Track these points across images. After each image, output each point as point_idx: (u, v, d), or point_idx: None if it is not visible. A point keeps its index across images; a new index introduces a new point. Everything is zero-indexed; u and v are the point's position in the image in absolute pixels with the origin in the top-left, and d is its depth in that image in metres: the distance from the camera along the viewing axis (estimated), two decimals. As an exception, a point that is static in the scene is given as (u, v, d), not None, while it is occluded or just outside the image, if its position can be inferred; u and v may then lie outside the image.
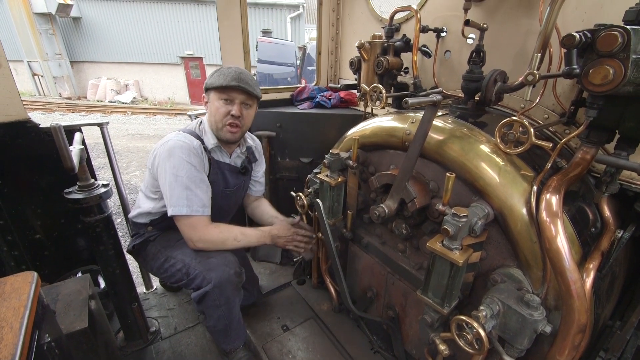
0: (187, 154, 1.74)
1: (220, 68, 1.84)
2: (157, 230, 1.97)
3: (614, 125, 1.15)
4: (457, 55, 1.97)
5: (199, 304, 1.80)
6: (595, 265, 1.15)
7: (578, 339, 1.07)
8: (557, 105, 1.57)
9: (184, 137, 1.79)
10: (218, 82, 1.76)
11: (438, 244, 1.23)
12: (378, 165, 1.79)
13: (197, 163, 1.78)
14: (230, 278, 1.77)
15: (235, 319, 1.91)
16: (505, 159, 1.28)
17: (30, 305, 1.14)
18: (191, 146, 1.77)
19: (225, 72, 1.79)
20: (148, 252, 1.95)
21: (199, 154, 1.80)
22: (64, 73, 16.88)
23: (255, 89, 1.84)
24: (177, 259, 1.84)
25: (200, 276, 1.76)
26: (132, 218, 2.01)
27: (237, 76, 1.77)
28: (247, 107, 1.88)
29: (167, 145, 1.75)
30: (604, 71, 1.03)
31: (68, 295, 1.73)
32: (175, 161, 1.72)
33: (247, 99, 1.84)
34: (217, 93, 1.80)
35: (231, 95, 1.80)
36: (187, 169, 1.73)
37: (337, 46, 2.93)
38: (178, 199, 1.72)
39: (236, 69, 1.81)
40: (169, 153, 1.73)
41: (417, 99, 1.22)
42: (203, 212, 1.78)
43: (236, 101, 1.82)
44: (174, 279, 1.87)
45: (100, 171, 7.77)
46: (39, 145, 1.99)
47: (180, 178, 1.72)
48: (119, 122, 12.88)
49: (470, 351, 1.19)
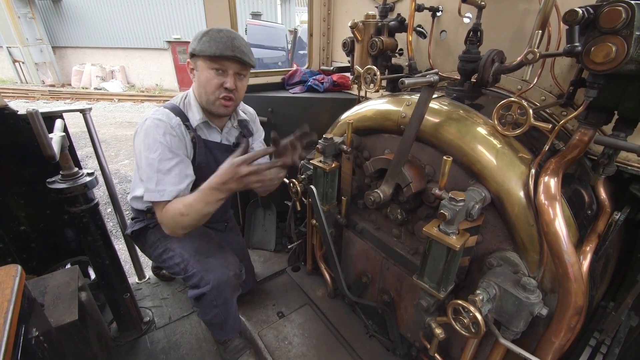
0: (162, 133, 1.56)
1: (208, 31, 1.58)
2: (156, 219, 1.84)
3: (613, 105, 1.13)
4: (453, 35, 1.92)
5: (196, 302, 1.76)
6: (592, 247, 1.14)
7: (574, 321, 1.07)
8: (554, 86, 1.54)
9: (161, 115, 1.61)
10: (209, 49, 1.53)
11: (434, 229, 1.21)
12: (372, 149, 1.75)
13: (174, 143, 1.60)
14: (229, 280, 1.73)
15: (232, 315, 1.89)
16: (502, 142, 1.26)
17: (14, 299, 1.10)
18: (168, 125, 1.59)
19: (216, 37, 1.54)
20: (147, 238, 1.88)
21: (177, 134, 1.62)
22: (46, 59, 16.24)
23: (251, 57, 1.64)
24: (176, 253, 1.77)
25: (197, 275, 1.70)
26: (131, 202, 1.90)
27: (231, 43, 1.55)
28: (241, 77, 1.68)
29: (145, 124, 1.59)
30: (606, 49, 0.99)
31: (56, 288, 1.70)
32: (149, 141, 1.56)
33: (241, 69, 1.64)
34: (208, 62, 1.58)
35: (224, 65, 1.59)
36: (160, 150, 1.55)
37: (329, 27, 2.83)
38: (148, 182, 1.56)
39: (228, 32, 1.58)
40: (144, 133, 1.57)
41: (413, 79, 1.18)
42: (169, 196, 1.57)
43: (230, 72, 1.61)
44: (171, 271, 1.83)
45: (89, 160, 7.59)
46: (19, 133, 1.91)
47: (152, 160, 1.55)
48: (105, 109, 12.53)
49: (467, 335, 1.19)
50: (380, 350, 2.05)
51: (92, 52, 16.91)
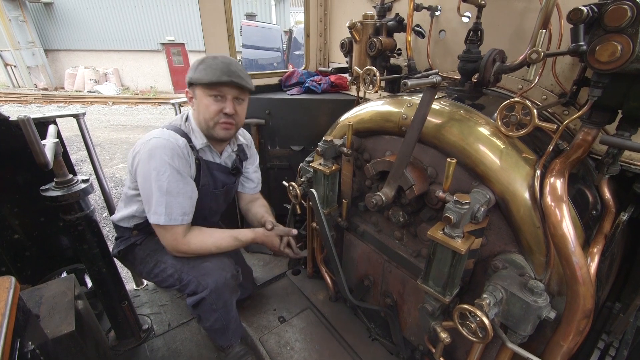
0: (170, 155, 1.56)
1: (204, 59, 1.61)
2: (143, 234, 1.84)
3: (617, 105, 1.12)
4: (452, 34, 1.90)
5: (195, 309, 1.73)
6: (599, 249, 1.13)
7: (583, 324, 1.06)
8: (556, 85, 1.53)
9: (168, 136, 1.60)
10: (206, 77, 1.55)
11: (439, 232, 1.19)
12: (373, 151, 1.73)
13: (181, 165, 1.60)
14: (227, 282, 1.71)
15: (232, 319, 1.86)
16: (506, 142, 1.24)
17: (8, 313, 1.06)
18: (175, 146, 1.58)
19: (212, 64, 1.57)
20: (136, 255, 1.84)
21: (184, 155, 1.62)
22: (38, 62, 16.10)
23: (248, 81, 1.64)
24: (168, 264, 1.74)
25: (194, 282, 1.67)
26: (116, 222, 1.86)
27: (227, 68, 1.56)
28: (240, 101, 1.69)
29: (149, 144, 1.57)
30: (611, 47, 0.98)
31: (52, 298, 1.65)
32: (156, 163, 1.54)
33: (239, 93, 1.65)
34: (206, 89, 1.59)
35: (222, 91, 1.60)
36: (169, 172, 1.56)
37: (326, 27, 2.81)
38: (157, 206, 1.57)
39: (223, 59, 1.60)
40: (150, 154, 1.55)
41: (416, 80, 1.16)
42: (182, 220, 1.63)
43: (228, 97, 1.62)
44: (165, 284, 1.78)
45: (83, 164, 7.52)
46: (10, 140, 1.86)
47: (161, 183, 1.55)
48: (99, 112, 12.44)
49: (474, 340, 1.17)
50: (384, 354, 2.03)
51: (85, 55, 16.77)
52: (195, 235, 1.70)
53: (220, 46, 2.39)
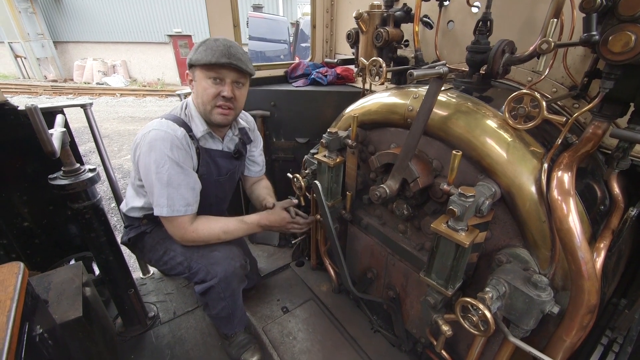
0: (169, 147, 1.55)
1: (205, 40, 1.59)
2: (153, 223, 1.86)
3: (629, 97, 1.09)
4: (461, 25, 1.86)
5: (203, 297, 1.76)
6: (606, 244, 1.11)
7: (587, 319, 1.04)
8: (566, 77, 1.49)
9: (166, 127, 1.59)
10: (205, 58, 1.53)
11: (443, 225, 1.18)
12: (378, 144, 1.72)
13: (181, 156, 1.60)
14: (235, 271, 1.72)
15: (239, 308, 1.89)
16: (513, 135, 1.22)
17: (17, 297, 1.08)
18: (174, 137, 1.58)
19: (212, 45, 1.54)
20: (145, 243, 1.86)
21: (183, 146, 1.61)
22: (47, 54, 16.24)
23: (248, 65, 1.62)
24: (177, 252, 1.76)
25: (203, 270, 1.69)
26: (125, 212, 1.89)
27: (227, 51, 1.54)
28: (240, 86, 1.67)
29: (148, 136, 1.57)
30: (625, 38, 0.95)
31: (60, 284, 1.69)
32: (156, 156, 1.54)
33: (239, 77, 1.63)
34: (204, 71, 1.57)
35: (221, 74, 1.58)
36: (168, 164, 1.55)
37: (333, 18, 2.77)
38: (159, 197, 1.58)
39: (225, 41, 1.57)
40: (149, 146, 1.55)
41: (422, 71, 1.14)
42: (186, 211, 1.64)
43: (227, 80, 1.60)
44: (174, 272, 1.81)
45: (92, 155, 7.61)
46: (20, 129, 1.89)
47: (161, 175, 1.55)
48: (107, 104, 12.54)
49: (476, 333, 1.16)
50: (386, 346, 2.04)
51: (93, 47, 16.87)
52: (202, 222, 1.71)
53: (226, 36, 2.38)
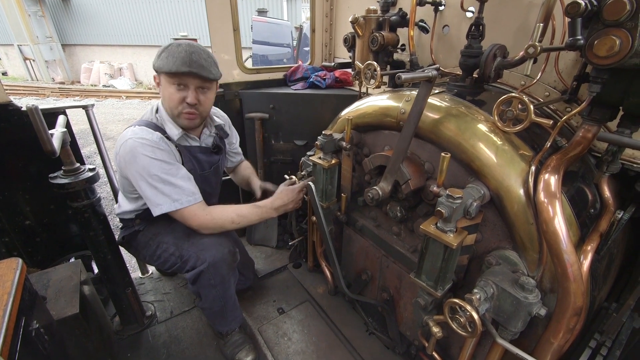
0: (151, 151, 1.59)
1: (169, 46, 1.59)
2: (146, 221, 1.90)
3: (617, 101, 1.09)
4: (456, 30, 1.88)
5: (194, 285, 1.78)
6: (593, 247, 1.12)
7: (573, 322, 1.05)
8: (558, 81, 1.50)
9: (142, 133, 1.62)
10: (167, 66, 1.54)
11: (432, 227, 1.19)
12: (372, 146, 1.73)
13: (165, 156, 1.64)
14: (224, 257, 1.75)
15: (231, 300, 1.90)
16: (503, 138, 1.23)
17: (14, 292, 1.11)
18: (152, 141, 1.61)
19: (174, 52, 1.54)
20: (139, 241, 1.90)
21: (163, 147, 1.65)
22: (55, 57, 16.48)
23: (211, 70, 1.62)
24: (169, 243, 1.80)
25: (194, 257, 1.73)
26: (118, 215, 1.94)
27: (189, 58, 1.53)
28: (205, 90, 1.68)
29: (127, 146, 1.59)
30: (610, 42, 0.96)
31: (59, 282, 1.72)
32: (142, 162, 1.58)
33: (202, 82, 1.64)
34: (168, 77, 1.59)
35: (184, 80, 1.59)
36: (157, 165, 1.60)
37: (332, 23, 2.81)
38: (162, 196, 1.63)
39: (187, 47, 1.56)
40: (132, 155, 1.59)
41: (411, 73, 1.16)
42: (195, 200, 1.70)
43: (191, 87, 1.62)
44: (167, 265, 1.84)
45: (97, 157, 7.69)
46: (23, 129, 1.93)
47: (155, 177, 1.60)
48: (113, 106, 12.67)
49: (463, 334, 1.17)
50: (380, 348, 2.04)
51: (100, 50, 17.10)
52: (214, 208, 1.79)
53: (225, 41, 2.42)
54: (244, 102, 2.67)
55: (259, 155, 2.82)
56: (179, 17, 15.80)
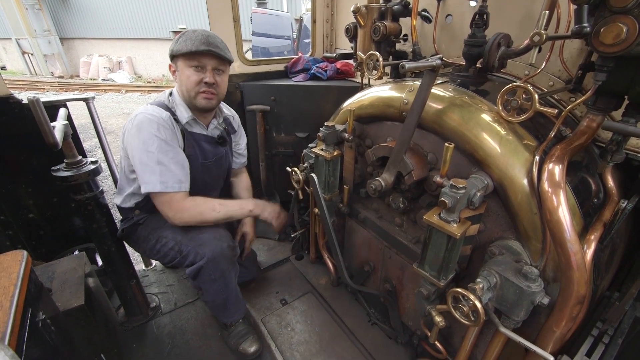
0: (156, 128, 1.63)
1: (184, 32, 1.69)
2: (145, 213, 1.90)
3: (623, 90, 1.08)
4: (459, 19, 1.86)
5: (195, 280, 1.79)
6: (596, 236, 1.12)
7: (576, 310, 1.05)
8: (563, 71, 1.49)
9: (152, 110, 1.68)
10: (186, 47, 1.63)
11: (435, 217, 1.19)
12: (375, 137, 1.73)
13: (168, 136, 1.67)
14: (223, 251, 1.75)
15: (232, 293, 1.92)
16: (507, 128, 1.22)
17: (20, 283, 1.12)
18: (160, 118, 1.66)
19: (191, 36, 1.65)
20: (139, 235, 1.91)
21: (169, 126, 1.69)
22: (54, 50, 16.37)
23: (226, 52, 1.72)
24: (169, 238, 1.80)
25: (193, 252, 1.73)
26: (119, 204, 1.94)
27: (206, 39, 1.64)
28: (220, 72, 1.77)
29: (135, 120, 1.65)
30: (616, 29, 0.95)
31: (64, 274, 1.73)
32: (144, 136, 1.62)
33: (219, 64, 1.73)
34: (186, 60, 1.67)
35: (202, 62, 1.68)
36: (157, 143, 1.63)
37: (333, 13, 2.78)
38: (151, 174, 1.63)
39: (203, 32, 1.67)
40: (137, 128, 1.63)
41: (414, 63, 1.15)
42: (180, 187, 1.69)
43: (208, 67, 1.70)
44: (167, 259, 1.84)
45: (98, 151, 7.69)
46: (24, 122, 1.93)
47: (151, 154, 1.62)
48: (113, 100, 12.62)
49: (466, 323, 1.18)
50: (382, 338, 2.06)
51: (99, 43, 16.97)
52: (196, 197, 1.77)
53: (226, 31, 2.40)
54: (245, 94, 2.65)
55: (261, 148, 2.81)
56: (178, 10, 15.63)
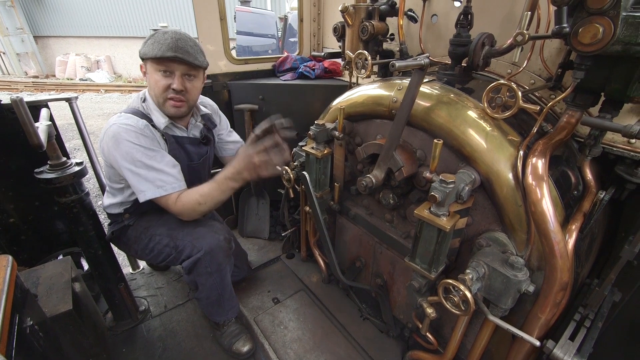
0: (135, 137, 1.57)
1: (155, 33, 1.59)
2: (135, 216, 1.87)
3: (599, 87, 1.14)
4: (444, 19, 1.91)
5: (190, 274, 1.78)
6: (577, 226, 1.18)
7: (560, 296, 1.11)
8: (543, 69, 1.55)
9: (126, 120, 1.60)
10: (152, 52, 1.53)
11: (426, 211, 1.23)
12: (365, 135, 1.75)
13: (149, 143, 1.62)
14: (220, 244, 1.75)
15: (227, 289, 1.91)
16: (492, 124, 1.27)
17: (6, 289, 1.09)
18: (137, 128, 1.60)
19: (160, 39, 1.55)
20: (129, 236, 1.87)
21: (148, 134, 1.63)
22: (28, 49, 15.71)
23: (197, 57, 1.62)
24: (163, 235, 1.78)
25: (189, 246, 1.72)
26: (106, 209, 1.89)
27: (174, 44, 1.53)
28: (191, 78, 1.67)
29: (110, 131, 1.58)
30: (593, 29, 1.00)
31: (49, 279, 1.68)
32: (125, 148, 1.56)
33: (189, 69, 1.63)
34: (154, 64, 1.58)
35: (170, 67, 1.59)
36: (141, 151, 1.58)
37: (320, 12, 2.79)
38: (145, 183, 1.60)
39: (173, 34, 1.56)
40: (115, 140, 1.56)
41: (404, 62, 1.18)
42: (179, 186, 1.67)
43: (176, 73, 1.60)
44: (161, 257, 1.82)
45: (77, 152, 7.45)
46: (3, 123, 1.86)
47: (138, 162, 1.57)
48: (92, 101, 12.25)
49: (457, 312, 1.22)
50: (374, 333, 2.10)
51: (76, 42, 16.39)
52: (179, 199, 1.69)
53: (212, 30, 2.38)
54: (233, 93, 2.64)
55: (249, 147, 2.80)
56: (159, 7, 15.27)
